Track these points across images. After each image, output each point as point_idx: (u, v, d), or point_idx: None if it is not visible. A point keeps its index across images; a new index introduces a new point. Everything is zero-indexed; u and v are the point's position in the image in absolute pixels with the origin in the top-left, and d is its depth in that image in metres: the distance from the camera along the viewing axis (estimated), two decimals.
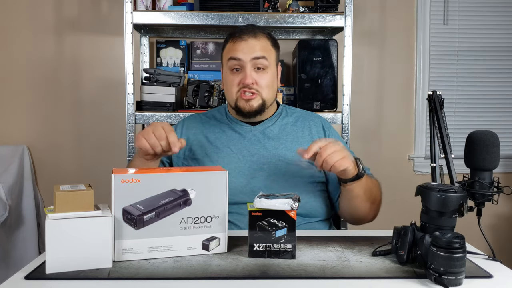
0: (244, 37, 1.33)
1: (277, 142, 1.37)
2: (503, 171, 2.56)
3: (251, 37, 1.33)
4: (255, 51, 1.32)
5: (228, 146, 1.37)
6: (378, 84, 2.50)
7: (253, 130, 1.39)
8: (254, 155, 1.35)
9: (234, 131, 1.40)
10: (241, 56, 1.31)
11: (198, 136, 1.41)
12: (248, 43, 1.32)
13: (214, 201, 0.98)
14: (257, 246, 0.96)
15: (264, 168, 1.32)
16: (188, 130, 1.44)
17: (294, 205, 0.94)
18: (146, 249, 0.94)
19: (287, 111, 1.47)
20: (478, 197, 0.96)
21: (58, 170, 2.39)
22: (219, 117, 1.45)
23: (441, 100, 1.08)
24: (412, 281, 0.85)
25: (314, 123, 1.44)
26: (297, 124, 1.43)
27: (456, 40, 2.51)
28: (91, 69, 2.37)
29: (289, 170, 1.32)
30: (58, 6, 2.34)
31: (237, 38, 1.34)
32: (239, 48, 1.32)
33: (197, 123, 1.46)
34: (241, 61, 1.31)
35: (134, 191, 0.92)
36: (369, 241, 1.07)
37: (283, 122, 1.43)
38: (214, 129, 1.42)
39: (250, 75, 1.31)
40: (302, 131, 1.41)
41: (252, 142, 1.37)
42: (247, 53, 1.31)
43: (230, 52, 1.34)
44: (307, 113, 1.50)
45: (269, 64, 1.34)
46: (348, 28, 1.94)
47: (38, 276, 0.86)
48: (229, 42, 1.36)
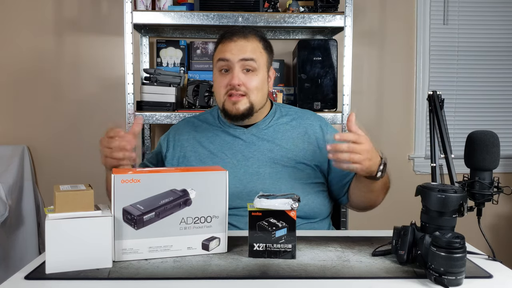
0: (234, 38, 1.31)
1: (272, 144, 1.34)
2: (503, 171, 2.56)
3: (240, 38, 1.31)
4: (244, 52, 1.29)
5: (222, 151, 1.34)
6: (378, 84, 2.50)
7: (246, 132, 1.36)
8: (249, 159, 1.32)
9: (228, 134, 1.37)
10: (228, 56, 1.29)
11: (191, 141, 1.39)
12: (237, 44, 1.30)
13: (214, 201, 0.98)
14: (257, 246, 0.96)
15: (260, 172, 1.30)
16: (181, 135, 1.41)
17: (294, 205, 0.94)
18: (146, 249, 0.94)
19: (281, 111, 1.43)
20: (478, 197, 0.96)
21: (58, 170, 2.39)
22: (211, 121, 1.42)
23: (441, 100, 1.08)
24: (412, 281, 0.85)
25: (310, 122, 1.40)
26: (292, 123, 1.39)
27: (456, 40, 2.51)
28: (91, 69, 2.37)
29: (286, 173, 1.30)
30: (58, 6, 2.34)
31: (226, 39, 1.32)
32: (228, 49, 1.30)
33: (189, 128, 1.43)
34: (229, 62, 1.29)
35: (134, 191, 0.92)
36: (369, 241, 1.07)
37: (277, 122, 1.39)
38: (207, 133, 1.39)
39: (237, 76, 1.28)
40: (298, 131, 1.37)
41: (246, 146, 1.34)
42: (235, 53, 1.29)
43: (219, 53, 1.32)
44: (302, 111, 1.46)
45: (258, 66, 1.31)
46: (348, 28, 1.94)
47: (38, 276, 0.86)
48: (220, 44, 1.34)
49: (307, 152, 1.34)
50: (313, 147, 1.35)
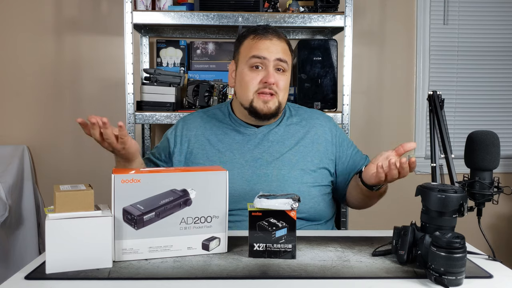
0: (269, 36, 1.29)
1: (281, 146, 1.33)
2: (503, 171, 2.56)
3: (275, 37, 1.30)
4: (280, 52, 1.29)
5: (230, 150, 1.32)
6: (378, 84, 2.50)
7: (257, 132, 1.34)
8: (258, 160, 1.31)
9: (238, 133, 1.35)
10: (266, 54, 1.27)
11: (199, 138, 1.36)
12: (273, 43, 1.29)
13: (214, 201, 0.98)
14: (257, 246, 0.96)
15: (268, 174, 1.29)
16: (189, 131, 1.38)
17: (294, 205, 0.94)
18: (146, 249, 0.94)
19: (291, 111, 1.42)
20: (478, 197, 0.97)
21: (58, 170, 2.39)
22: (221, 117, 1.39)
23: (441, 100, 1.08)
24: (412, 281, 0.85)
25: (320, 122, 1.40)
26: (302, 123, 1.38)
27: (456, 40, 2.51)
28: (91, 69, 2.37)
29: (293, 176, 1.29)
30: (58, 6, 2.34)
31: (261, 36, 1.29)
32: (264, 47, 1.28)
33: (198, 123, 1.39)
34: (265, 60, 1.27)
35: (134, 191, 0.92)
36: (369, 241, 1.07)
37: (287, 122, 1.38)
38: (217, 130, 1.36)
39: (273, 75, 1.27)
40: (307, 132, 1.37)
41: (255, 146, 1.33)
42: (272, 52, 1.27)
43: (253, 50, 1.29)
44: (311, 111, 1.46)
45: (288, 67, 1.32)
46: (348, 28, 1.94)
47: (38, 276, 0.86)
48: (250, 39, 1.31)
49: (316, 154, 1.34)
50: (322, 149, 1.35)
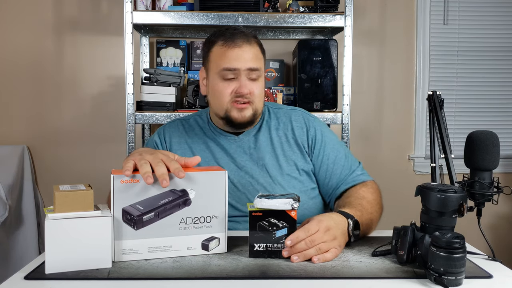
0: (238, 43, 1.23)
1: (263, 151, 1.31)
2: (503, 171, 2.56)
3: (245, 42, 1.24)
4: (251, 61, 1.23)
5: (214, 160, 1.31)
6: (378, 84, 2.50)
7: (237, 140, 1.32)
8: (242, 168, 1.29)
9: (218, 143, 1.33)
10: (236, 65, 1.22)
11: (182, 145, 1.34)
12: (244, 50, 1.23)
13: (214, 201, 0.98)
14: (258, 246, 0.96)
15: (253, 183, 1.28)
16: (172, 138, 1.36)
17: (294, 205, 0.94)
18: (145, 249, 0.94)
19: (270, 113, 1.38)
20: (478, 197, 0.96)
21: (58, 170, 2.39)
22: (201, 124, 1.37)
23: (441, 100, 1.08)
24: (412, 281, 0.85)
25: (296, 123, 1.35)
26: (280, 126, 1.35)
27: (456, 40, 2.51)
28: (91, 69, 2.37)
29: (278, 182, 1.28)
30: (58, 6, 2.34)
31: (230, 43, 1.23)
32: (234, 57, 1.23)
33: (180, 132, 1.37)
34: (237, 71, 1.23)
35: (134, 191, 0.92)
36: (369, 241, 1.07)
37: (267, 126, 1.35)
38: (198, 140, 1.34)
39: (246, 85, 1.23)
40: (286, 134, 1.34)
41: (238, 154, 1.30)
42: (242, 61, 1.23)
43: (224, 61, 1.23)
44: (291, 112, 1.39)
45: (261, 73, 1.28)
46: (348, 28, 1.94)
47: (38, 276, 0.86)
48: (219, 46, 1.25)
49: (298, 157, 1.31)
50: (301, 151, 1.32)
